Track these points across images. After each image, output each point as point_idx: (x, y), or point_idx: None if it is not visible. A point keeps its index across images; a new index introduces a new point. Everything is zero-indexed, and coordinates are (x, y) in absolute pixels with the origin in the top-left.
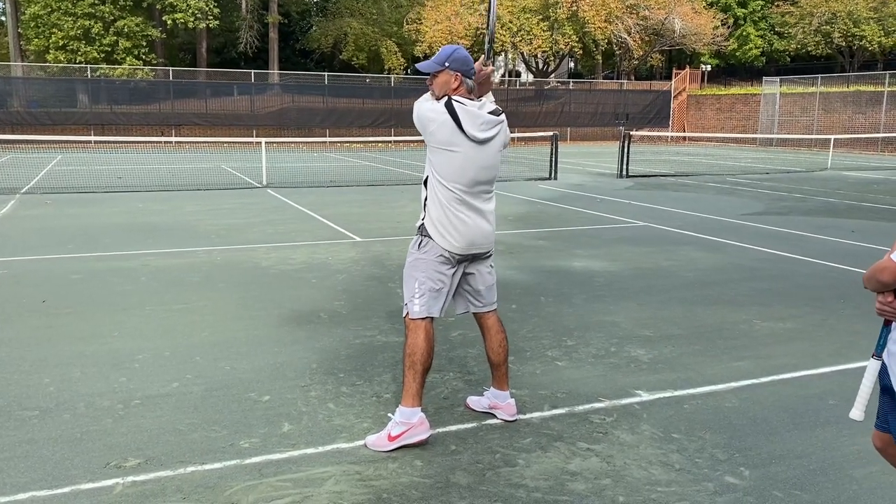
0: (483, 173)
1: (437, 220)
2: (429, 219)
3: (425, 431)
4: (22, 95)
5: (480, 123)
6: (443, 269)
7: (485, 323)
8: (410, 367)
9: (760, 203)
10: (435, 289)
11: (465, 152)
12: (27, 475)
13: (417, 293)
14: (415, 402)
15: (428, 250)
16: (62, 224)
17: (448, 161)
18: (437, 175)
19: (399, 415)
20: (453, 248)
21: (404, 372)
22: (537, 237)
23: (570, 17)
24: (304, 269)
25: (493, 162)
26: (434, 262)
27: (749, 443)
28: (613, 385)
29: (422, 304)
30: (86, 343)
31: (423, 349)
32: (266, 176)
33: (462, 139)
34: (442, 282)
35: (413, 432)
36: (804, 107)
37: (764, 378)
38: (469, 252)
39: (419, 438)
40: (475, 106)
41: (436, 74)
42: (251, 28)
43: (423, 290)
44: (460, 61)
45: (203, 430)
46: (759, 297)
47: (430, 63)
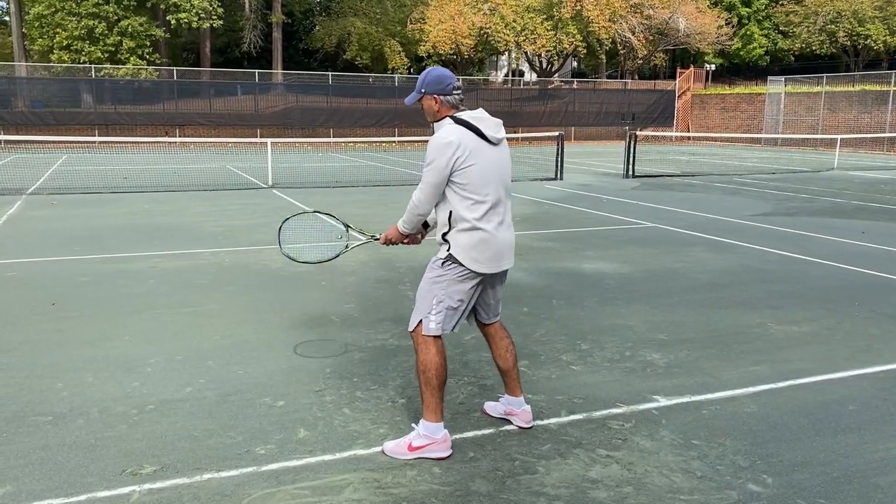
0: (503, 178)
1: (467, 246)
2: (457, 247)
3: (446, 450)
4: (26, 95)
5: (493, 125)
6: (465, 288)
7: (488, 331)
8: (426, 383)
9: (767, 203)
10: (453, 307)
11: (489, 157)
12: (43, 482)
13: (435, 311)
14: (437, 417)
15: (452, 269)
16: (68, 225)
17: (477, 172)
18: (464, 194)
19: (423, 428)
20: (485, 270)
21: (421, 388)
22: (545, 238)
23: (574, 17)
24: (314, 271)
25: (508, 164)
26: (457, 281)
27: (770, 449)
28: (630, 390)
29: (437, 321)
30: (97, 347)
31: (436, 364)
32: (271, 176)
33: (484, 145)
34: (461, 301)
35: (434, 447)
36: (809, 106)
37: (781, 383)
38: (499, 269)
39: (439, 455)
40: (477, 112)
41: (420, 102)
42: (255, 28)
43: (441, 309)
44: (433, 83)
45: (218, 436)
46: (772, 299)
47: (412, 95)
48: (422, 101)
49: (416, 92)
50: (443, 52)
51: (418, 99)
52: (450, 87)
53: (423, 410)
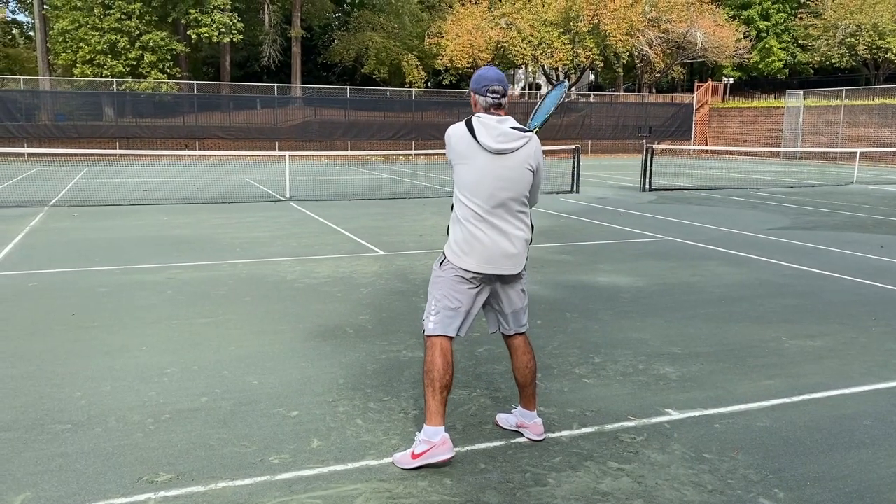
0: (501, 189)
1: (454, 240)
2: (449, 239)
3: (448, 451)
4: (49, 109)
5: (497, 135)
6: (460, 289)
7: (511, 343)
8: (429, 384)
9: (786, 217)
10: (451, 307)
11: (481, 164)
12: (61, 489)
13: (433, 311)
14: (436, 421)
15: (447, 269)
16: (89, 237)
17: (465, 173)
18: (458, 191)
19: (423, 433)
20: (468, 266)
21: (424, 390)
22: (561, 251)
23: (591, 30)
24: (329, 282)
25: (513, 176)
26: (451, 280)
27: (782, 464)
28: (642, 403)
29: (436, 321)
30: (115, 357)
31: (439, 366)
32: (289, 189)
33: (477, 150)
34: (459, 301)
35: (435, 451)
36: (829, 119)
37: (795, 397)
38: (486, 272)
39: (441, 458)
40: (494, 120)
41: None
42: (274, 42)
43: (439, 308)
44: (474, 81)
45: (233, 445)
46: (788, 313)
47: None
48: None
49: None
50: (460, 66)
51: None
52: (484, 88)
53: (425, 415)
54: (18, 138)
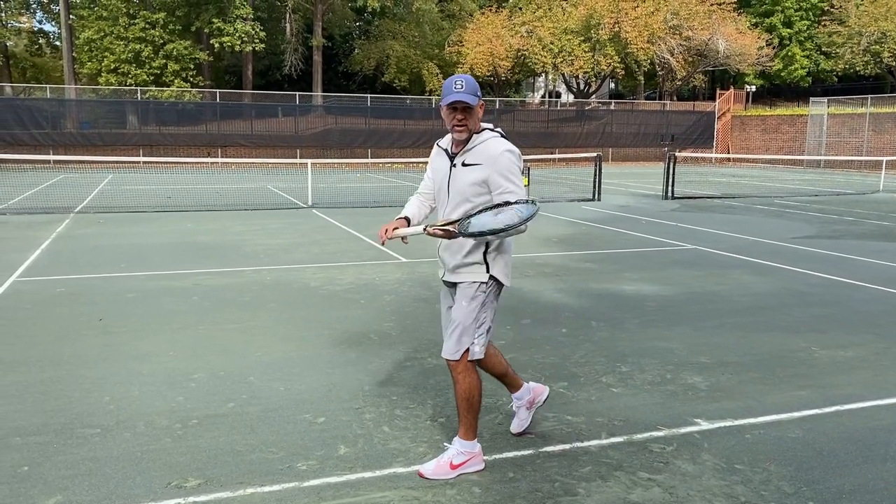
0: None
1: (505, 262)
2: (497, 259)
3: (482, 462)
4: (75, 117)
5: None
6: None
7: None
8: (471, 407)
9: (811, 226)
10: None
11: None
12: (92, 493)
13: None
14: (475, 436)
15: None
16: (115, 243)
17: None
18: None
19: (461, 446)
20: (508, 284)
21: (462, 412)
22: (584, 259)
23: (612, 38)
24: (353, 289)
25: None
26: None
27: (816, 476)
28: (671, 413)
29: (482, 345)
30: (143, 362)
31: (481, 388)
32: (311, 196)
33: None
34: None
35: (475, 461)
36: (853, 128)
37: (827, 408)
38: (442, 276)
39: (478, 468)
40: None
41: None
42: (296, 51)
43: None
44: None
45: (260, 451)
46: (816, 323)
47: (474, 98)
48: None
49: (475, 97)
50: (480, 73)
51: (480, 105)
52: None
53: (462, 430)
54: (45, 146)
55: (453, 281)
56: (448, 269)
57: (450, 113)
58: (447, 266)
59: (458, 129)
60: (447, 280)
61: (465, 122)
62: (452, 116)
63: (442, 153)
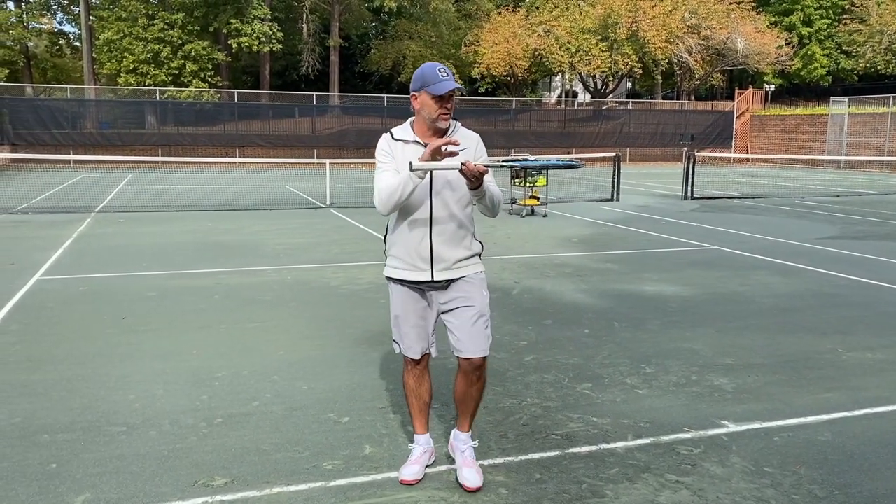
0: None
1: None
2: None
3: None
4: (94, 117)
5: None
6: None
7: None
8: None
9: (834, 227)
10: None
11: None
12: (119, 491)
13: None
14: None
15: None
16: (135, 242)
17: None
18: None
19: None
20: None
21: (475, 410)
22: (604, 260)
23: (629, 38)
24: (373, 289)
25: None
26: None
27: (848, 479)
28: (698, 415)
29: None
30: (166, 360)
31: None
32: (329, 196)
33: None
34: None
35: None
36: (874, 127)
37: (857, 411)
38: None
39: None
40: None
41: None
42: (313, 51)
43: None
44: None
45: (286, 450)
46: (843, 324)
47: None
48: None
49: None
50: (496, 73)
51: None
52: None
53: (469, 425)
54: (65, 146)
55: (452, 278)
56: (445, 266)
57: (437, 102)
58: (445, 261)
59: (445, 118)
60: (441, 279)
61: (451, 111)
62: (440, 105)
63: (413, 145)
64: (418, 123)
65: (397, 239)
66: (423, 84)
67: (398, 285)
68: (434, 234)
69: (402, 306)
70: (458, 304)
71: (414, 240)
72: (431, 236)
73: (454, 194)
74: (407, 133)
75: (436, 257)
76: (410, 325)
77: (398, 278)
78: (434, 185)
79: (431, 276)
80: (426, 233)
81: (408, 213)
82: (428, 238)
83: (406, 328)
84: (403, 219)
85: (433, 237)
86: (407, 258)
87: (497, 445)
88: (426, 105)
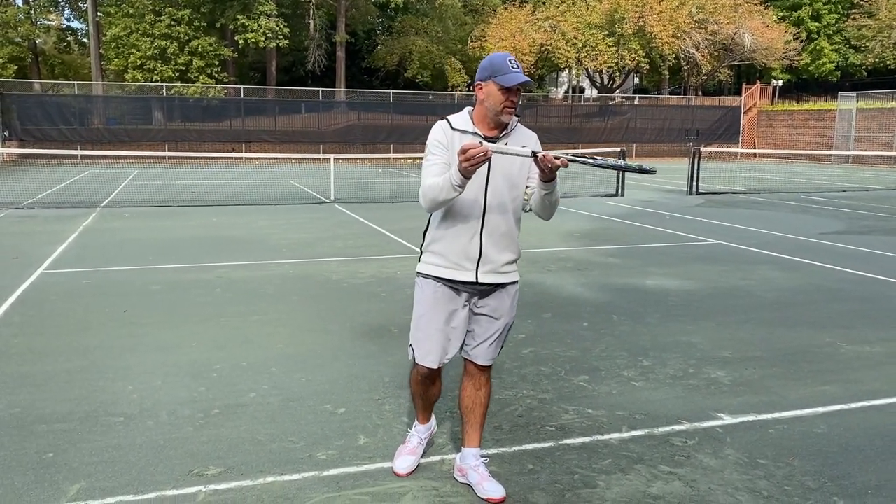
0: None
1: None
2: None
3: None
4: (101, 113)
5: None
6: None
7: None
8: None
9: (839, 222)
10: None
11: None
12: (115, 480)
13: None
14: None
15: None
16: (140, 236)
17: None
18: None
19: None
20: None
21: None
22: (607, 254)
23: (636, 33)
24: (374, 282)
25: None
26: None
27: (842, 471)
28: (693, 407)
29: None
30: (167, 352)
31: None
32: (334, 191)
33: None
34: None
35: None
36: (883, 122)
37: (853, 404)
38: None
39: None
40: None
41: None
42: (319, 47)
43: None
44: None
45: (281, 440)
46: (843, 319)
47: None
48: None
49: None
50: None
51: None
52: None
53: (479, 438)
54: (72, 141)
55: (495, 282)
56: (492, 268)
57: (504, 93)
58: (493, 263)
59: (509, 111)
60: (485, 282)
61: (516, 104)
62: (507, 97)
63: (471, 136)
64: (479, 114)
65: (442, 235)
66: (491, 73)
67: (431, 282)
68: (485, 232)
69: (431, 305)
70: (489, 311)
71: (463, 238)
72: (482, 235)
73: (511, 192)
74: (466, 123)
75: (483, 258)
76: (435, 328)
77: (436, 276)
78: (491, 182)
79: (476, 278)
80: (477, 231)
81: (459, 208)
82: (479, 237)
83: (430, 330)
84: (453, 215)
85: (483, 236)
86: (451, 256)
87: (491, 436)
88: (491, 95)
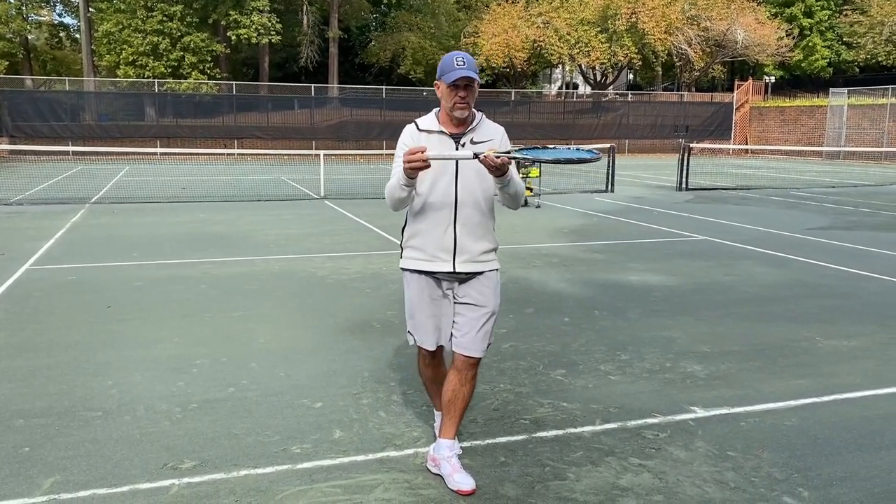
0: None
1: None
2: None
3: None
4: (93, 109)
5: None
6: None
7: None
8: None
9: (826, 217)
10: None
11: None
12: (89, 473)
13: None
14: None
15: None
16: (127, 233)
17: None
18: None
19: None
20: None
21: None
22: (592, 250)
23: (629, 29)
24: (359, 278)
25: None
26: None
27: (809, 463)
28: (668, 400)
29: None
30: (147, 348)
31: None
32: (324, 187)
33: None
34: None
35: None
36: (874, 119)
37: (826, 397)
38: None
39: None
40: None
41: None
42: (312, 43)
43: None
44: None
45: (257, 434)
46: (823, 314)
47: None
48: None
49: (477, 73)
50: (496, 65)
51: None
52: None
53: (454, 432)
54: (63, 138)
55: (473, 271)
56: (468, 258)
57: (452, 91)
58: (469, 253)
59: (461, 107)
60: (462, 271)
61: (467, 100)
62: (455, 94)
63: (437, 135)
64: (443, 113)
65: (418, 230)
66: (440, 73)
67: (414, 275)
68: (458, 224)
69: (417, 296)
70: (471, 300)
71: (437, 231)
72: (456, 227)
73: (480, 184)
74: (433, 123)
75: (459, 248)
76: (426, 316)
77: (417, 269)
78: (460, 176)
79: (453, 268)
80: (450, 223)
81: (431, 203)
82: (452, 228)
83: (422, 318)
84: (426, 210)
85: (457, 228)
86: (429, 249)
87: (465, 430)
88: (443, 94)
